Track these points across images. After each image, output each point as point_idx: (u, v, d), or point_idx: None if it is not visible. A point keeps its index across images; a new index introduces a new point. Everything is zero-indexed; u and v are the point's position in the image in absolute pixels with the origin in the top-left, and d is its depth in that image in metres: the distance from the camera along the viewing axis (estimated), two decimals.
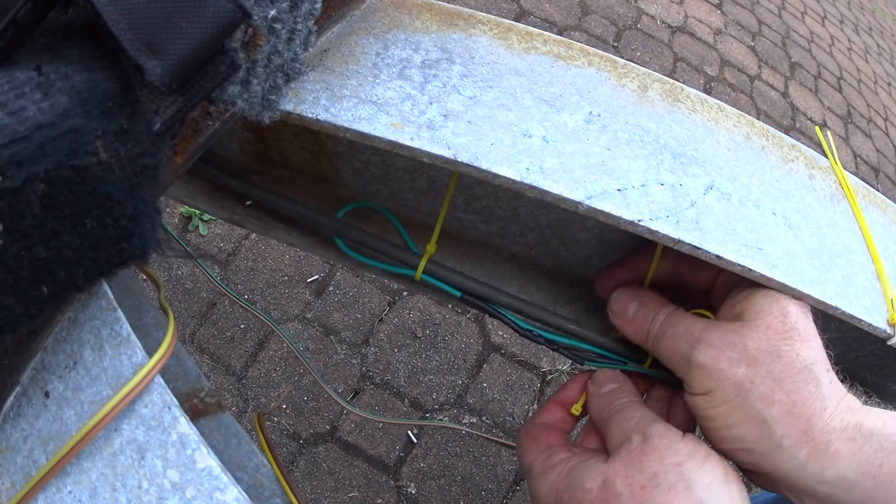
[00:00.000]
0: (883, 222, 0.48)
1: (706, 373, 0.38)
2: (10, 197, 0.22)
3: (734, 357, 0.37)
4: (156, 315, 0.46)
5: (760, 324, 0.38)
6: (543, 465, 0.42)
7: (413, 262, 0.49)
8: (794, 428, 0.36)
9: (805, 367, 0.37)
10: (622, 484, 0.37)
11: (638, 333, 0.44)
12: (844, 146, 2.47)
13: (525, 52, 0.43)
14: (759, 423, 0.37)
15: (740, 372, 0.37)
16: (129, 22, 0.24)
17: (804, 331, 0.38)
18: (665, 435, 0.38)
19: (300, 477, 1.18)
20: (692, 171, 0.41)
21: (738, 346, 0.38)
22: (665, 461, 0.36)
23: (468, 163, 0.36)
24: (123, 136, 0.26)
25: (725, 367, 0.37)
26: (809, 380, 0.37)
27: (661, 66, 2.26)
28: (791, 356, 0.37)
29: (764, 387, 0.37)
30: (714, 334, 0.39)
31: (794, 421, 0.36)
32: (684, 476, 0.36)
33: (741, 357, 0.37)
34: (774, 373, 0.37)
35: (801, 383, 0.37)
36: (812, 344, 0.38)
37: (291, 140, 0.50)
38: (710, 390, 0.38)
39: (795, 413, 0.36)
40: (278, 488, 0.47)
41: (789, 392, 0.36)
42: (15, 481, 0.29)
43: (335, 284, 1.40)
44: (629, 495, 0.36)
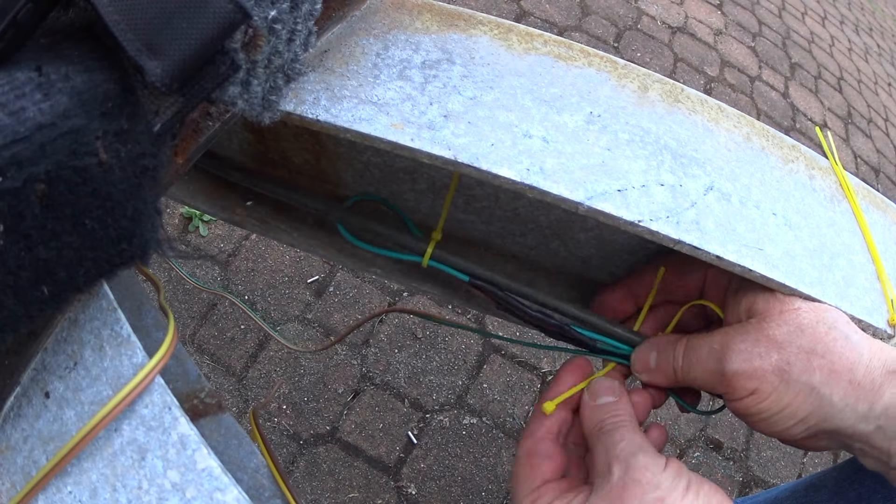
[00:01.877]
0: (883, 223, 0.48)
1: (744, 376, 0.39)
2: (11, 197, 0.22)
3: (763, 351, 0.39)
4: (156, 316, 0.46)
5: (773, 313, 0.39)
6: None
7: (420, 248, 0.49)
8: (840, 382, 0.38)
9: (829, 327, 0.38)
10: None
11: (667, 378, 0.45)
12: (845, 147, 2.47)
13: (525, 53, 0.43)
14: (808, 393, 0.38)
15: (774, 359, 0.39)
16: (129, 22, 0.24)
17: (813, 304, 0.40)
18: (647, 467, 0.38)
19: (300, 477, 1.18)
20: (692, 171, 0.41)
21: (762, 339, 0.39)
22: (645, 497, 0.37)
23: (468, 163, 0.36)
24: (124, 136, 0.26)
25: (759, 363, 0.39)
26: (838, 336, 0.38)
27: (661, 67, 2.26)
28: (813, 325, 0.38)
29: (800, 361, 0.38)
30: (735, 340, 0.40)
31: (837, 377, 0.38)
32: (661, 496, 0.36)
33: (769, 347, 0.39)
34: (804, 346, 0.38)
35: (832, 342, 0.38)
36: (826, 307, 0.39)
37: (292, 141, 0.50)
38: (755, 389, 0.39)
39: (837, 369, 0.38)
40: (279, 489, 0.47)
41: (824, 354, 0.38)
42: (15, 481, 0.29)
43: (335, 285, 1.40)
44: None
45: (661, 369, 0.45)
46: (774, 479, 1.41)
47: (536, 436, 0.46)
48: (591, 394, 0.45)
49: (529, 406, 1.35)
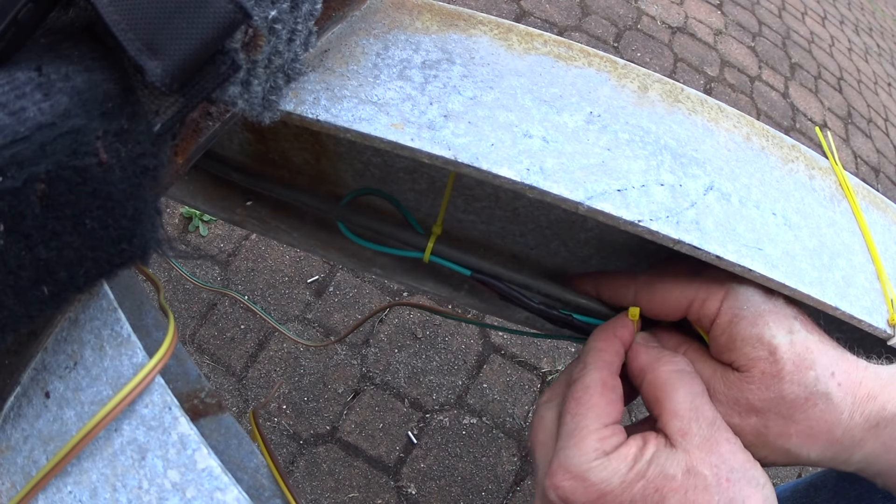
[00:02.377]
0: (883, 223, 0.48)
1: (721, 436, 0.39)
2: (11, 197, 0.22)
3: (742, 412, 0.39)
4: (156, 315, 0.46)
5: (755, 373, 0.39)
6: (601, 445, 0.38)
7: (420, 244, 0.49)
8: (817, 444, 0.39)
9: (810, 392, 0.38)
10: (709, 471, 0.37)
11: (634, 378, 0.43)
12: (845, 147, 2.47)
13: (525, 53, 0.43)
14: (783, 453, 0.39)
15: (752, 422, 0.39)
16: (129, 22, 0.24)
17: (797, 357, 0.39)
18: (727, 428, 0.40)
19: (300, 477, 1.18)
20: (692, 171, 0.41)
21: (742, 402, 0.39)
22: (737, 456, 0.38)
23: (468, 163, 0.36)
24: (124, 136, 0.26)
25: (738, 421, 0.40)
26: (818, 400, 0.38)
27: (661, 67, 2.26)
28: (793, 391, 0.38)
29: (777, 426, 0.39)
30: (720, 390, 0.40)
31: (815, 440, 0.39)
32: (753, 473, 0.38)
33: (748, 411, 0.39)
34: (783, 412, 0.38)
35: (811, 408, 0.38)
36: (809, 362, 0.38)
37: (292, 141, 0.50)
38: None
39: (814, 434, 0.38)
40: (279, 489, 0.47)
41: (801, 421, 0.38)
42: (15, 481, 0.29)
43: (335, 285, 1.40)
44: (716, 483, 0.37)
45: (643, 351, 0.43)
46: (774, 479, 1.41)
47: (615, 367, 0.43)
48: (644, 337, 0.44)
49: (529, 406, 1.35)
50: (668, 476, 0.37)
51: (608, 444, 0.38)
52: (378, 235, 0.50)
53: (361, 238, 0.50)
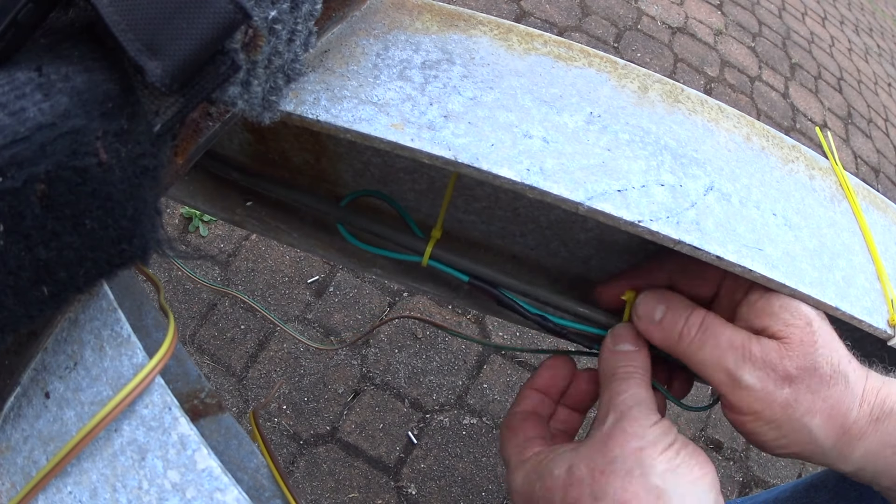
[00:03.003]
0: (883, 223, 0.48)
1: (754, 395, 0.39)
2: (11, 198, 0.22)
3: (777, 379, 0.39)
4: (156, 316, 0.46)
5: (794, 339, 0.39)
6: (518, 458, 0.44)
7: (419, 247, 0.49)
8: (834, 428, 0.39)
9: (834, 371, 0.39)
10: (585, 468, 0.38)
11: (667, 338, 0.43)
12: (845, 147, 2.47)
13: (525, 53, 0.43)
14: (805, 433, 0.39)
15: (785, 393, 0.39)
16: (129, 23, 0.24)
17: (827, 333, 0.40)
18: (638, 419, 0.39)
19: (300, 478, 1.18)
20: (692, 171, 0.41)
21: (779, 367, 0.39)
22: (626, 446, 0.38)
23: (469, 164, 0.36)
24: (124, 136, 0.26)
25: (772, 390, 0.39)
26: (840, 380, 0.39)
27: (661, 67, 2.26)
28: (823, 366, 0.39)
29: (806, 402, 0.39)
30: (756, 353, 0.39)
31: (832, 422, 0.39)
32: (641, 462, 0.37)
33: (784, 378, 0.39)
34: (812, 386, 0.39)
35: (834, 387, 0.39)
36: (835, 343, 0.40)
37: (292, 141, 0.50)
38: (758, 411, 0.39)
39: (834, 415, 0.39)
40: (279, 489, 0.47)
41: (826, 398, 0.39)
42: (15, 482, 0.29)
43: (336, 285, 1.40)
44: (590, 479, 0.38)
45: (665, 327, 0.43)
46: (774, 480, 1.41)
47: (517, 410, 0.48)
48: (613, 338, 0.45)
49: None
50: (553, 475, 0.40)
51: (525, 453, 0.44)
52: (377, 238, 0.50)
53: (360, 241, 0.50)
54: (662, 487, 0.36)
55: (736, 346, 0.40)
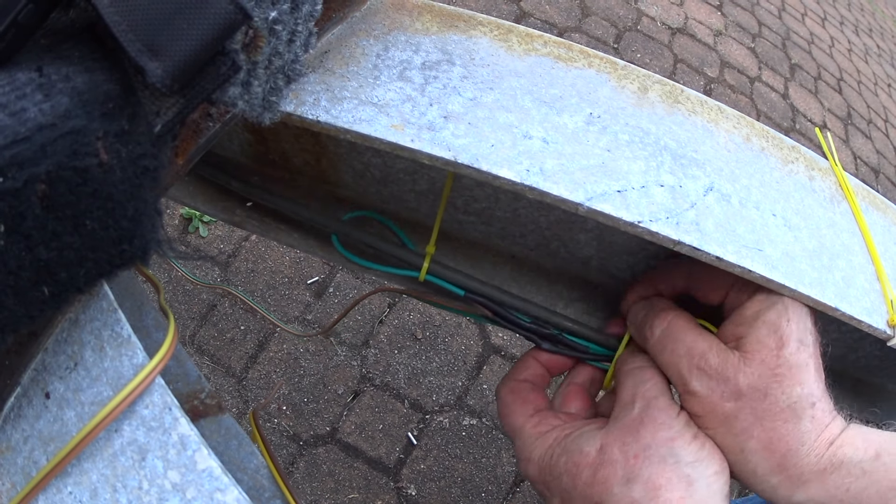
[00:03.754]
0: (883, 223, 0.48)
1: (699, 401, 0.40)
2: (11, 198, 0.22)
3: (726, 392, 0.40)
4: (156, 316, 0.46)
5: (756, 357, 0.39)
6: (536, 429, 0.45)
7: (416, 262, 0.49)
8: (769, 460, 0.39)
9: (788, 405, 0.39)
10: (618, 451, 0.40)
11: (639, 341, 0.46)
12: (844, 147, 2.47)
13: (525, 54, 0.43)
14: (737, 451, 0.40)
15: (728, 406, 0.40)
16: (130, 23, 0.24)
17: (796, 364, 0.39)
18: (665, 409, 0.41)
19: (300, 478, 1.18)
20: (692, 172, 0.41)
21: (731, 381, 0.39)
22: (658, 434, 0.39)
23: (468, 164, 0.36)
24: (124, 137, 0.26)
25: (717, 400, 0.40)
26: (790, 418, 0.39)
27: (661, 68, 2.26)
28: (776, 395, 0.39)
29: (746, 422, 0.39)
30: (712, 363, 0.40)
31: (769, 455, 0.39)
32: (674, 451, 0.39)
33: (732, 392, 0.39)
34: (757, 411, 0.39)
35: (781, 422, 0.39)
36: (802, 378, 0.39)
37: (292, 141, 0.50)
38: (700, 416, 0.41)
39: (772, 448, 0.39)
40: (279, 490, 0.47)
41: (768, 429, 0.39)
42: (16, 482, 0.29)
43: (335, 286, 1.40)
44: (623, 462, 0.39)
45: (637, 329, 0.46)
46: None
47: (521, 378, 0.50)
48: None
49: None
50: (583, 452, 0.41)
51: (542, 427, 0.45)
52: (374, 251, 0.50)
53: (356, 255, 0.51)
54: (692, 476, 0.38)
55: (693, 353, 0.41)
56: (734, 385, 0.39)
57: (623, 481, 0.38)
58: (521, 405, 0.48)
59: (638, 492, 0.38)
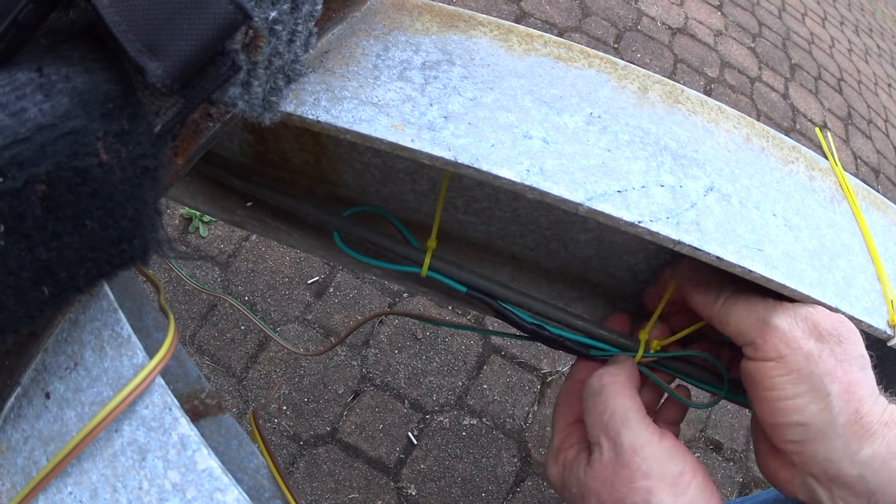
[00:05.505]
0: (883, 223, 0.48)
1: (782, 337, 0.39)
2: (11, 198, 0.22)
3: (806, 329, 0.39)
4: (156, 316, 0.46)
5: (823, 310, 0.40)
6: (559, 445, 0.46)
7: (418, 258, 0.49)
8: (850, 406, 0.38)
9: (860, 354, 0.39)
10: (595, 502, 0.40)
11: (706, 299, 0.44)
12: (845, 147, 2.47)
13: (525, 54, 0.43)
14: (822, 396, 0.38)
15: (812, 344, 0.39)
16: (130, 23, 0.24)
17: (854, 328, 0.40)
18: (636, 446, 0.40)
19: (300, 478, 1.18)
20: (692, 172, 0.41)
21: (810, 320, 0.39)
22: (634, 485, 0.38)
23: (469, 164, 0.36)
24: (124, 137, 0.26)
25: (800, 336, 0.39)
26: (864, 366, 0.39)
27: (661, 68, 2.26)
28: (850, 342, 0.39)
29: (829, 364, 0.38)
30: (787, 306, 0.40)
31: (849, 399, 0.38)
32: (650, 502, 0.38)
33: (812, 331, 0.39)
34: (837, 353, 0.39)
35: (857, 368, 0.39)
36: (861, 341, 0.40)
37: (292, 141, 0.50)
38: (783, 356, 0.39)
39: (851, 391, 0.38)
40: (279, 490, 0.47)
41: (847, 372, 0.38)
42: (16, 482, 0.29)
43: (336, 286, 1.40)
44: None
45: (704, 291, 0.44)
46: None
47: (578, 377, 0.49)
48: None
49: (529, 406, 1.35)
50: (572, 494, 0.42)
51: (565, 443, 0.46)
52: (376, 248, 0.50)
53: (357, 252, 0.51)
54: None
55: (769, 301, 0.40)
56: (813, 324, 0.39)
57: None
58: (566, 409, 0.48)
59: None
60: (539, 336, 0.49)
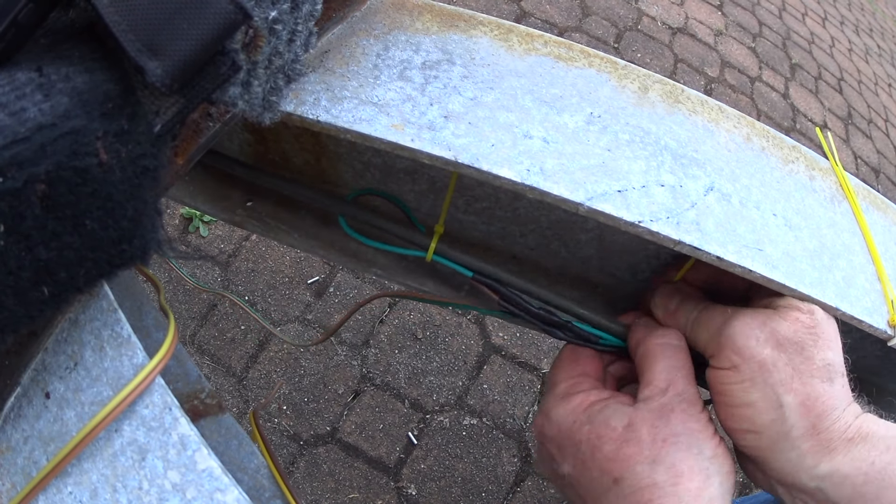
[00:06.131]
0: (883, 223, 0.48)
1: (734, 347, 0.39)
2: (11, 198, 0.22)
3: (762, 337, 0.39)
4: (156, 316, 0.46)
5: (791, 315, 0.39)
6: (569, 389, 0.45)
7: (423, 242, 0.48)
8: (805, 419, 0.38)
9: (824, 365, 0.38)
10: (647, 432, 0.39)
11: (678, 325, 0.45)
12: (845, 147, 2.47)
13: (526, 54, 0.43)
14: (775, 406, 0.38)
15: (766, 352, 0.38)
16: (130, 23, 0.24)
17: (827, 331, 0.39)
18: (694, 402, 0.41)
19: (300, 478, 1.18)
20: (693, 172, 0.41)
21: (767, 328, 0.39)
22: (688, 424, 0.40)
23: (469, 164, 0.36)
24: (124, 137, 0.26)
25: (753, 345, 0.39)
26: (826, 378, 0.38)
27: (661, 68, 2.26)
28: (812, 351, 0.38)
29: (785, 373, 0.38)
30: (746, 314, 0.40)
31: (806, 413, 0.38)
32: (699, 443, 0.39)
33: (769, 339, 0.39)
34: (795, 363, 0.38)
35: (818, 380, 0.38)
36: (833, 346, 0.39)
37: (292, 141, 0.50)
38: (736, 365, 0.39)
39: (808, 406, 0.38)
40: (279, 490, 0.47)
41: (806, 384, 0.38)
42: (16, 482, 0.29)
43: (336, 286, 1.40)
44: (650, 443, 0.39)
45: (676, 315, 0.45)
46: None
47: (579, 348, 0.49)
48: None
49: (529, 406, 1.35)
50: (609, 426, 0.40)
51: (573, 389, 0.44)
52: (380, 233, 0.49)
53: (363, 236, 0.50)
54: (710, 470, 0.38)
55: (727, 312, 0.41)
56: (770, 332, 0.39)
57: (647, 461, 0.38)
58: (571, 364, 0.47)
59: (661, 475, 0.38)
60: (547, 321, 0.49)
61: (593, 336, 0.49)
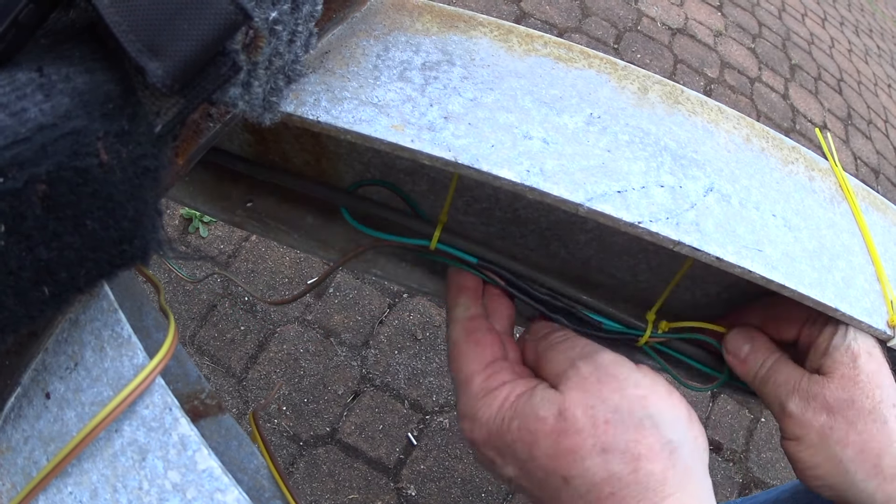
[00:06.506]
0: (883, 224, 0.48)
1: (795, 421, 0.43)
2: (12, 198, 0.22)
3: (817, 407, 0.42)
4: (156, 316, 0.46)
5: (836, 374, 0.42)
6: (486, 384, 0.39)
7: (427, 231, 0.48)
8: (866, 464, 0.41)
9: (873, 407, 0.41)
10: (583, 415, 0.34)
11: (747, 373, 0.48)
12: (844, 148, 2.47)
13: (525, 55, 0.43)
14: (836, 462, 0.42)
15: (822, 420, 0.42)
16: (130, 23, 0.24)
17: (871, 373, 0.42)
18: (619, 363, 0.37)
19: (300, 479, 1.18)
20: (692, 173, 0.41)
21: (820, 397, 0.42)
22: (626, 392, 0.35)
23: (469, 165, 0.36)
24: (125, 137, 0.26)
25: (811, 417, 0.42)
26: (877, 418, 0.41)
27: (661, 69, 2.26)
28: (861, 401, 0.41)
29: (840, 431, 0.42)
30: (803, 386, 0.43)
31: (865, 458, 0.41)
32: (649, 412, 0.35)
33: (822, 407, 0.42)
34: (849, 417, 0.41)
35: (870, 423, 0.41)
36: (879, 381, 0.42)
37: (292, 142, 0.50)
38: (799, 437, 0.43)
39: (866, 450, 0.41)
40: (279, 490, 0.47)
41: (861, 433, 0.41)
42: (16, 482, 0.29)
43: (335, 286, 1.40)
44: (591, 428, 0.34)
45: (746, 363, 0.47)
46: (774, 481, 1.41)
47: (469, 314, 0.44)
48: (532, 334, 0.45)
49: None
50: (539, 418, 0.35)
51: (493, 382, 0.39)
52: (383, 223, 0.49)
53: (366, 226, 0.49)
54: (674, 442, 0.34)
55: (790, 382, 0.44)
56: (822, 400, 0.42)
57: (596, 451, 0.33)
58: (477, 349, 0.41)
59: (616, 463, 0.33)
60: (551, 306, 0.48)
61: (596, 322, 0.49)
